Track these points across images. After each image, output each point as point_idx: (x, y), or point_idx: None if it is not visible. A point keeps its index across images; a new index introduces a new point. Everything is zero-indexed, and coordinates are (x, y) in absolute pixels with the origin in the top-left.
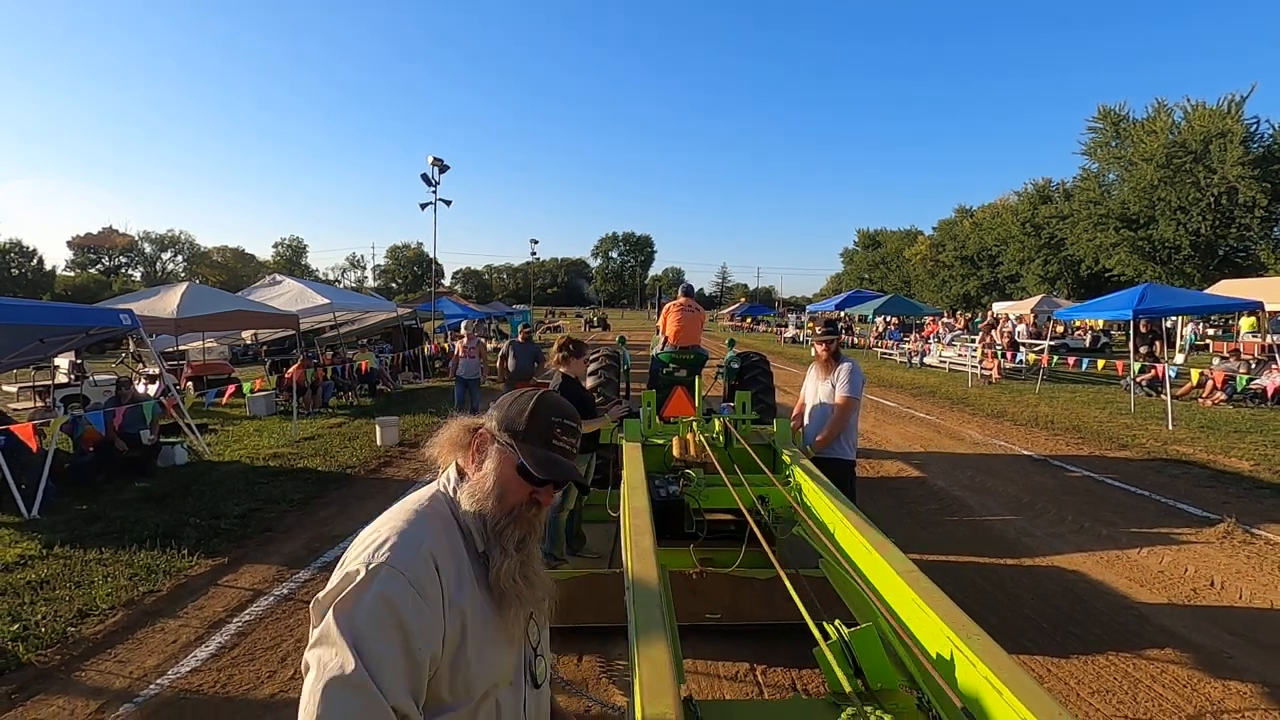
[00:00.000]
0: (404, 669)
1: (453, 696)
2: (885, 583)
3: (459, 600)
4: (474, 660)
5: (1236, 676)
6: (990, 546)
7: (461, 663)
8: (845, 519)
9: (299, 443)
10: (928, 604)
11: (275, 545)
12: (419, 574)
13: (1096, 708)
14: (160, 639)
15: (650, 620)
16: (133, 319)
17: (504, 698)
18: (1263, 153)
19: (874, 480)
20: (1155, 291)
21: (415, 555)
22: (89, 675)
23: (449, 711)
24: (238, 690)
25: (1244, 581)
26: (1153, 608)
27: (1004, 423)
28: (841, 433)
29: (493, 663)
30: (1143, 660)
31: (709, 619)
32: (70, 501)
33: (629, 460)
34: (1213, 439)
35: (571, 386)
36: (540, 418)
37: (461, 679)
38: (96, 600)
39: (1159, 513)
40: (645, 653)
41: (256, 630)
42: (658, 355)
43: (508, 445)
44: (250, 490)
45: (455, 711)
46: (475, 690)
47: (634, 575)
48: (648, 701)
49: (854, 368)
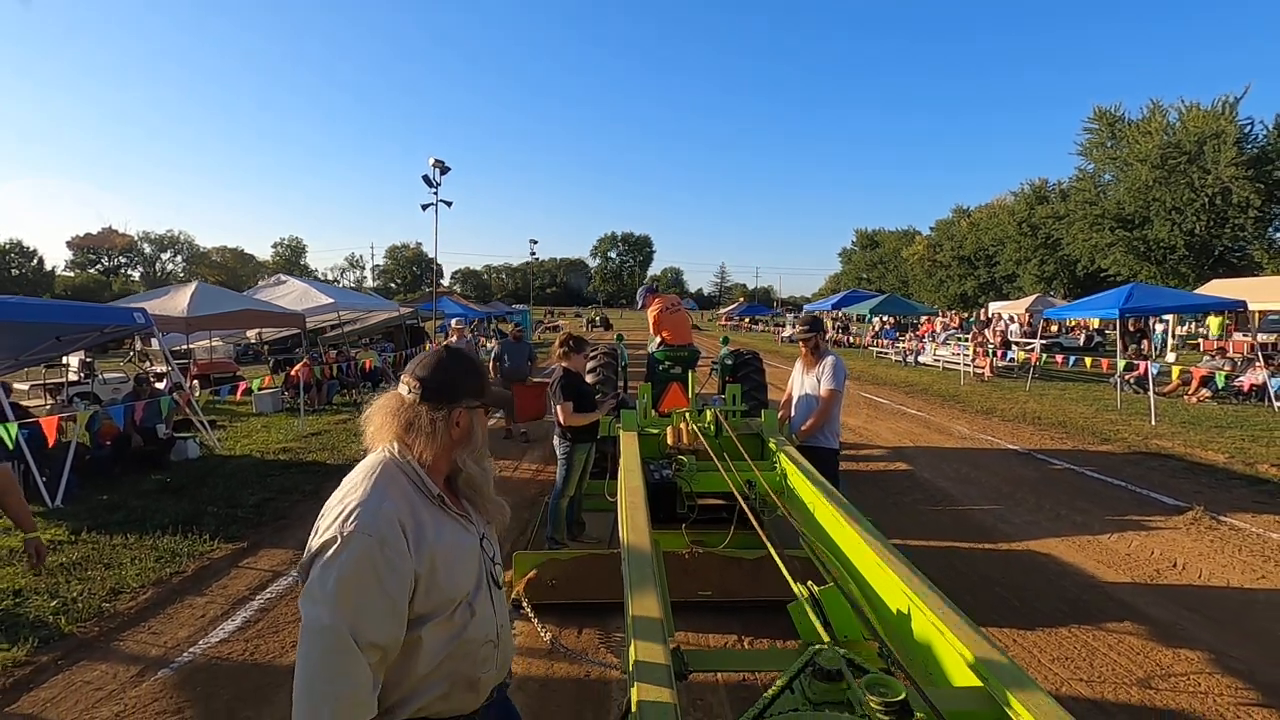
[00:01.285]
0: (382, 611)
1: (433, 608)
2: (854, 549)
3: (424, 542)
4: (445, 581)
5: (1186, 645)
6: (969, 533)
7: (435, 585)
8: (823, 498)
9: (306, 438)
10: (889, 566)
11: (290, 531)
12: (385, 534)
13: (1055, 672)
14: (189, 614)
15: (643, 578)
16: (146, 318)
17: (476, 601)
18: (1257, 153)
19: (863, 473)
20: (1142, 291)
21: (379, 518)
22: (126, 645)
23: (432, 619)
24: (264, 658)
25: (1204, 563)
26: (1116, 586)
27: (992, 419)
28: (825, 423)
29: (460, 578)
30: (1102, 632)
31: (701, 595)
32: (90, 492)
33: (626, 447)
34: (1192, 434)
35: (573, 380)
36: (443, 372)
37: (437, 596)
38: (127, 580)
39: (1132, 502)
40: (638, 606)
41: (278, 607)
42: (654, 353)
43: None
44: (263, 482)
45: (437, 619)
46: (450, 601)
47: (629, 543)
48: (641, 648)
49: (837, 362)
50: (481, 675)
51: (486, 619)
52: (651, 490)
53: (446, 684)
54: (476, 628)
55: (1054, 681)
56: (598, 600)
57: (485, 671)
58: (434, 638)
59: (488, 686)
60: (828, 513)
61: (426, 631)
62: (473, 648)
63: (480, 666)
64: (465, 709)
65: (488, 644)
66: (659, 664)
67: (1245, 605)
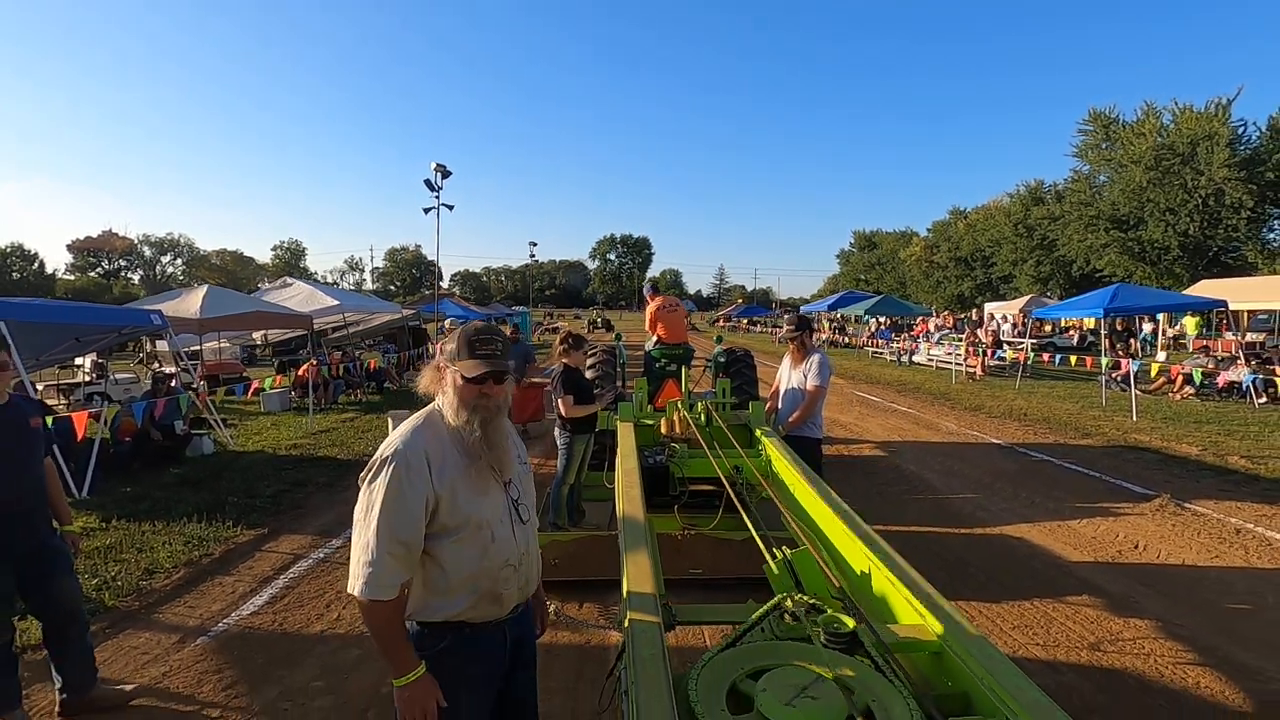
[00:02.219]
0: (401, 510)
1: (456, 525)
2: (826, 521)
3: (446, 471)
4: (464, 505)
5: (1137, 615)
6: (948, 519)
7: (455, 507)
8: (802, 480)
9: (315, 435)
10: (855, 535)
11: (307, 519)
12: (410, 459)
13: (1014, 638)
14: (220, 590)
15: (637, 542)
16: (162, 319)
17: (498, 529)
18: (1249, 155)
19: (851, 465)
20: (1127, 291)
21: (407, 449)
22: (165, 617)
23: (453, 535)
24: (292, 628)
25: (1164, 544)
26: (1080, 565)
27: (980, 415)
28: (810, 416)
29: (480, 505)
30: (1061, 604)
31: (692, 573)
32: (113, 485)
33: (623, 436)
34: (1171, 429)
35: (573, 375)
36: (466, 342)
37: (458, 515)
38: (160, 561)
39: (1105, 490)
40: (632, 566)
41: (301, 584)
42: (650, 351)
43: (453, 369)
44: (277, 475)
45: (457, 535)
46: (466, 521)
47: (625, 514)
48: (634, 598)
49: (823, 359)
50: (504, 591)
51: (508, 545)
52: (646, 473)
53: (474, 596)
54: (498, 551)
55: (1011, 646)
56: (597, 578)
57: (507, 589)
58: (460, 554)
59: (510, 602)
60: (805, 492)
61: (452, 547)
62: (495, 568)
63: (503, 584)
64: (491, 617)
65: (508, 566)
66: (650, 612)
67: (1196, 581)
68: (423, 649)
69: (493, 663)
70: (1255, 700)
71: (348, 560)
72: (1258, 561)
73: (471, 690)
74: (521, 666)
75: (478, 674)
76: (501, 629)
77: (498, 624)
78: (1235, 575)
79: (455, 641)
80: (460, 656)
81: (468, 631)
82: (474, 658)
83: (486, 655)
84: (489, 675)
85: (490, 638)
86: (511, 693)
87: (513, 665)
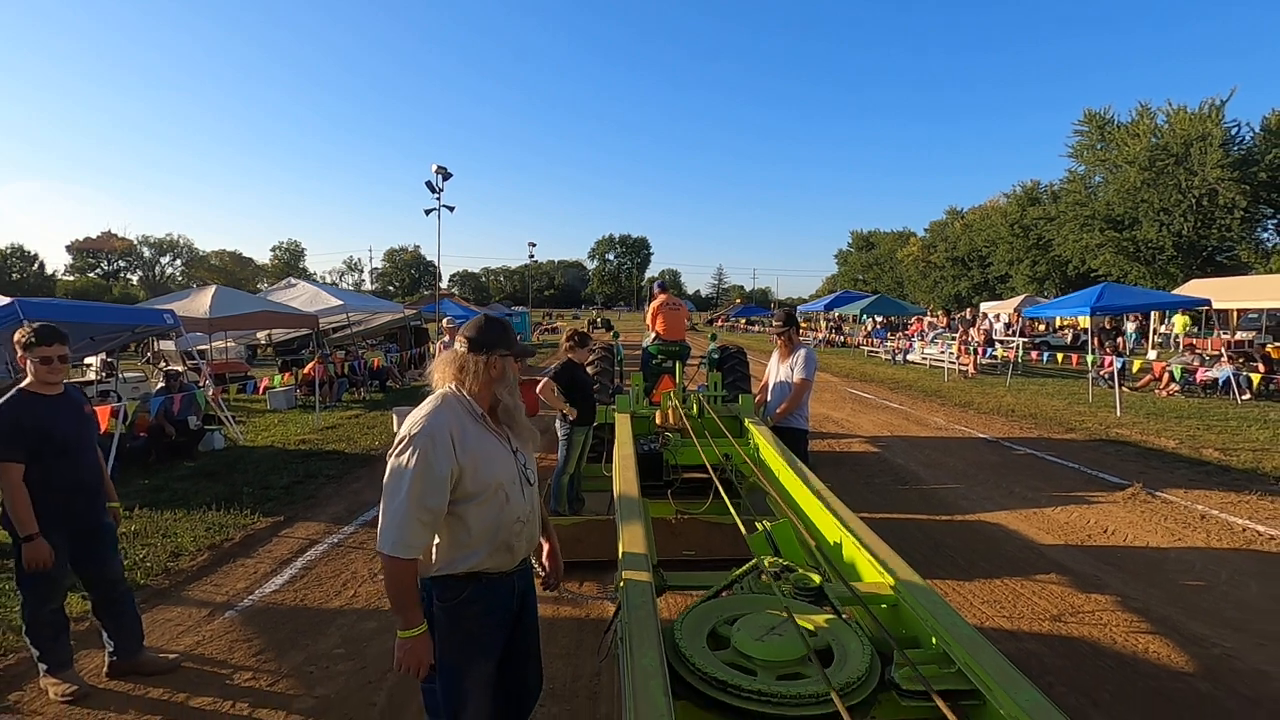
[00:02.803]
0: (430, 480)
1: (478, 490)
2: (805, 500)
3: (468, 445)
4: (484, 472)
5: (1099, 591)
6: (930, 507)
7: (477, 475)
8: (786, 465)
9: (323, 431)
10: (828, 509)
11: (320, 508)
12: (434, 435)
13: (984, 611)
14: (243, 571)
15: (631, 514)
16: (175, 318)
17: (511, 490)
18: (1242, 155)
19: (840, 458)
20: (1113, 290)
21: (433, 426)
22: (194, 594)
23: (477, 499)
24: (312, 603)
25: (1132, 529)
26: (1051, 547)
27: (969, 411)
28: (797, 407)
29: (497, 471)
30: (1030, 582)
31: (686, 554)
32: (131, 477)
33: (620, 425)
34: (1152, 424)
35: (576, 371)
36: (487, 331)
37: (480, 482)
38: (184, 545)
39: (1081, 480)
40: (627, 534)
41: (319, 566)
42: (648, 348)
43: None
44: (288, 468)
45: (480, 498)
46: (487, 486)
47: (620, 491)
48: (628, 557)
49: (809, 354)
50: (515, 544)
51: (519, 504)
52: (640, 459)
53: (491, 547)
54: (511, 509)
55: (979, 618)
56: (595, 559)
57: (518, 541)
58: (481, 513)
59: (520, 553)
60: (789, 476)
61: (475, 508)
62: (509, 522)
63: (514, 538)
64: (504, 567)
65: (519, 522)
66: (643, 570)
67: (1158, 561)
68: (445, 599)
69: (504, 609)
70: (1197, 662)
71: (360, 545)
72: (1217, 543)
73: (487, 631)
74: (527, 614)
75: (491, 618)
76: (511, 581)
77: (508, 576)
78: (1194, 555)
79: (473, 591)
80: (478, 604)
81: (484, 582)
82: (488, 605)
83: (498, 603)
84: (500, 620)
85: (502, 588)
86: (519, 637)
87: (520, 612)
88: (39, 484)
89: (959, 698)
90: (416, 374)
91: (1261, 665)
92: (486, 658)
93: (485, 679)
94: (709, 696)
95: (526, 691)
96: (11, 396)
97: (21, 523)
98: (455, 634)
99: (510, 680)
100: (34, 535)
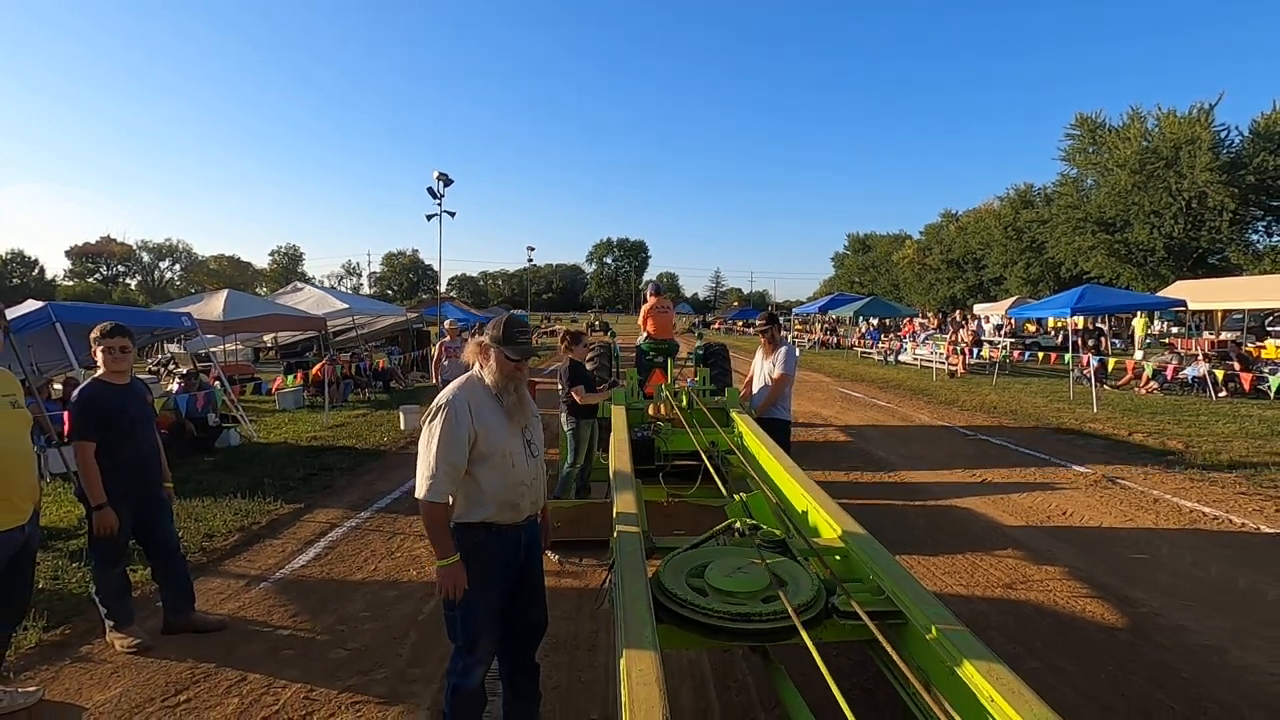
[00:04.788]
0: (453, 440)
1: (489, 452)
2: (779, 477)
3: (482, 416)
4: (495, 439)
5: (1050, 563)
6: (906, 494)
7: (488, 440)
8: (765, 449)
9: (332, 429)
10: (799, 484)
11: (337, 496)
12: (456, 405)
13: (943, 580)
14: (271, 549)
15: (624, 485)
16: (192, 321)
17: (516, 459)
18: (1231, 158)
19: (824, 450)
20: (1093, 292)
21: (456, 399)
22: (229, 568)
23: (487, 460)
24: (338, 576)
25: (1089, 511)
26: (1012, 527)
27: (953, 409)
28: (779, 400)
29: (503, 439)
30: (988, 556)
31: (676, 534)
32: None
33: (616, 416)
34: (1126, 419)
35: (577, 368)
36: (509, 331)
37: (490, 446)
38: (215, 528)
39: (1049, 469)
40: (620, 500)
41: (340, 545)
42: (641, 345)
43: (499, 348)
44: (304, 461)
45: (489, 460)
46: (496, 450)
47: (615, 468)
48: (622, 520)
49: (790, 350)
50: (520, 503)
51: (524, 469)
52: (634, 445)
53: (499, 503)
54: (517, 474)
55: (939, 585)
56: (595, 539)
57: (522, 501)
58: (491, 474)
59: (524, 511)
60: (767, 458)
61: (487, 469)
62: (514, 484)
63: (519, 497)
64: (511, 521)
65: (522, 485)
66: (633, 526)
67: (1108, 539)
68: (462, 542)
69: (511, 554)
70: (1126, 619)
71: (377, 528)
72: (1164, 524)
73: (495, 569)
74: (532, 563)
75: (501, 560)
76: (518, 532)
77: (515, 528)
78: (1142, 534)
79: (486, 536)
80: (489, 547)
81: (494, 530)
82: (498, 549)
83: (507, 548)
84: (508, 562)
85: (510, 535)
86: (525, 580)
87: (526, 557)
88: (108, 460)
89: (886, 618)
90: (419, 375)
91: (1182, 622)
92: (495, 590)
93: (493, 608)
94: (687, 618)
95: (534, 626)
96: (89, 385)
97: (94, 493)
98: (470, 569)
99: (520, 617)
100: (104, 504)
